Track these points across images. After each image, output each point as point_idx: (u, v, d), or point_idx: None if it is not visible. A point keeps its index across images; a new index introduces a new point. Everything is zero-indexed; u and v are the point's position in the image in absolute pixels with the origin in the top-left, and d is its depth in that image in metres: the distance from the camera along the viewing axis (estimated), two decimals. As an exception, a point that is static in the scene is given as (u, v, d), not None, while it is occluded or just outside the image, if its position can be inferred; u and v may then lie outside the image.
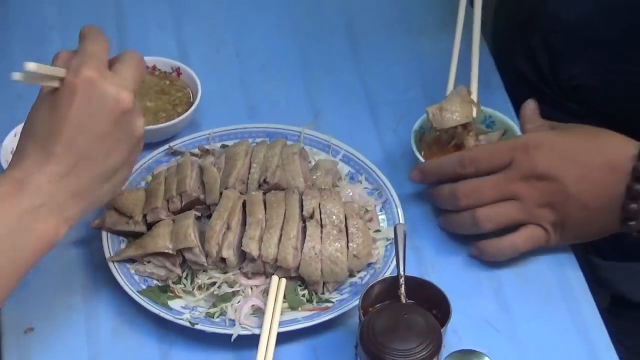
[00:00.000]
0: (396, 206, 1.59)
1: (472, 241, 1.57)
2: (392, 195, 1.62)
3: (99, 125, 1.35)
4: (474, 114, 1.60)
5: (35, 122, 1.38)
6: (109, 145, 1.36)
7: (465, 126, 1.60)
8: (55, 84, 1.37)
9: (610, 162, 1.52)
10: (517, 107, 1.73)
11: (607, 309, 1.74)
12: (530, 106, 1.62)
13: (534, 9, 2.04)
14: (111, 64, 1.40)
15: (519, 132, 1.62)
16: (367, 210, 1.59)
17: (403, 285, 1.40)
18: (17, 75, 1.37)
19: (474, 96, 1.61)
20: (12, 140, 1.60)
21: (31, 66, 1.33)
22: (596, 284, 1.77)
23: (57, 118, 1.35)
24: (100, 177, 1.37)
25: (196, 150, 1.67)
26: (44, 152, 1.35)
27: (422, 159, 1.60)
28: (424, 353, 1.28)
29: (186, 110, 1.73)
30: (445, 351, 1.32)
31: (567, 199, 1.52)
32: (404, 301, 1.39)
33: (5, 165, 1.58)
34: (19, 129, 1.48)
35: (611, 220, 1.51)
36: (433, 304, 1.38)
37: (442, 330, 1.32)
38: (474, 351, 1.35)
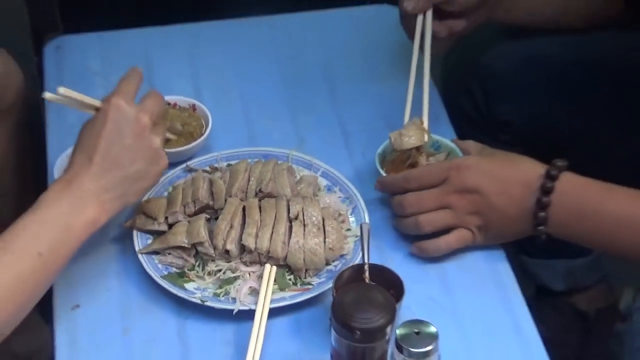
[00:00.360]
0: (363, 211, 1.65)
1: (415, 241, 1.62)
2: (360, 202, 1.67)
3: (124, 140, 1.44)
4: (426, 139, 1.65)
5: (81, 138, 1.47)
6: (132, 155, 1.46)
7: (418, 148, 1.66)
8: (92, 111, 1.50)
9: (524, 179, 1.56)
10: (459, 134, 1.84)
11: (532, 296, 1.76)
12: (469, 142, 1.68)
13: (473, 61, 2.08)
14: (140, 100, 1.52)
15: (460, 154, 1.68)
16: (340, 214, 1.64)
17: (367, 271, 1.46)
18: (47, 95, 1.52)
19: (425, 125, 1.67)
20: (63, 159, 1.67)
21: (62, 90, 1.49)
22: (524, 276, 1.81)
23: (94, 135, 1.44)
24: (127, 180, 1.46)
25: (207, 168, 1.74)
26: (86, 160, 1.44)
27: (383, 174, 1.66)
28: (382, 321, 1.30)
29: (200, 137, 1.79)
30: (399, 321, 1.35)
31: (490, 208, 1.57)
32: (367, 282, 1.45)
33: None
34: (69, 151, 1.55)
35: (525, 225, 1.56)
36: (390, 285, 1.42)
37: (397, 305, 1.37)
38: (422, 321, 1.34)
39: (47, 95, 1.53)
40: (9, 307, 1.34)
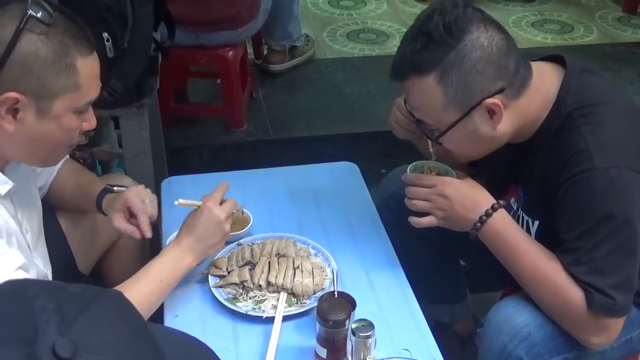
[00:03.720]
0: (333, 266, 1.68)
1: (411, 216, 1.61)
2: (331, 261, 1.71)
3: (210, 227, 1.56)
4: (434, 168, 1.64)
5: (186, 222, 1.59)
6: (212, 234, 1.56)
7: (430, 169, 1.65)
8: (194, 207, 1.61)
9: (478, 202, 1.55)
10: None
11: (432, 327, 1.63)
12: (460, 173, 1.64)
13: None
14: (223, 201, 1.61)
15: (454, 174, 1.63)
16: (321, 267, 1.70)
17: (336, 294, 1.53)
18: (176, 203, 1.65)
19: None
20: (173, 236, 1.66)
21: (180, 201, 1.64)
22: (427, 314, 1.65)
23: (193, 222, 1.57)
24: (208, 245, 1.57)
25: (249, 243, 1.77)
26: (188, 234, 1.56)
27: (408, 173, 1.64)
28: (343, 317, 1.43)
29: (246, 227, 1.81)
30: (352, 319, 1.44)
31: (451, 209, 1.55)
32: (336, 295, 1.52)
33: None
34: (175, 234, 1.63)
35: (467, 226, 1.55)
36: (348, 301, 1.49)
37: (352, 311, 1.47)
38: (365, 319, 1.42)
39: (179, 201, 1.65)
40: (143, 311, 1.39)
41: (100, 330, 0.64)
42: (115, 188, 1.70)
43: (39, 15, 1.25)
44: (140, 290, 1.48)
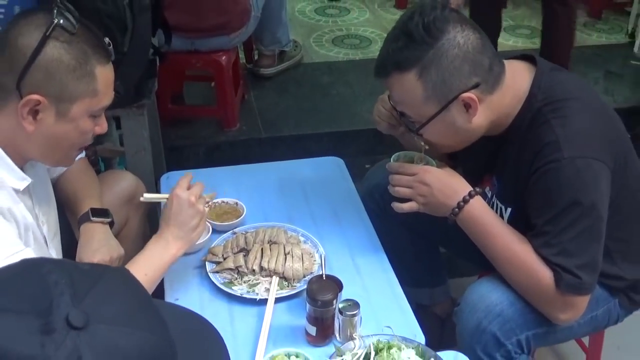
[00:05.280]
0: (321, 251, 1.69)
1: (393, 202, 1.61)
2: (319, 247, 1.72)
3: (183, 212, 1.50)
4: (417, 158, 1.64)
5: (163, 216, 1.55)
6: (189, 217, 1.50)
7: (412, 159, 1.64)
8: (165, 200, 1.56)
9: (456, 189, 1.55)
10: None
11: (414, 308, 1.62)
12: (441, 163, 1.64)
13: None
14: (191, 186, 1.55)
15: (434, 163, 1.63)
16: (310, 252, 1.70)
17: (323, 275, 1.54)
18: (141, 198, 1.63)
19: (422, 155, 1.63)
20: None
21: (146, 195, 1.63)
22: (409, 298, 1.64)
23: (168, 213, 1.52)
24: (188, 230, 1.51)
25: (243, 231, 1.76)
26: (166, 225, 1.51)
27: (391, 162, 1.65)
28: (331, 297, 1.45)
29: (240, 217, 1.82)
30: (339, 299, 1.46)
31: (432, 195, 1.56)
32: (324, 278, 1.53)
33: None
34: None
35: (446, 212, 1.56)
36: (335, 283, 1.50)
37: (339, 292, 1.48)
38: (351, 300, 1.45)
39: (145, 196, 1.63)
40: None
41: (110, 302, 0.65)
42: (93, 218, 1.63)
43: (64, 24, 1.28)
44: None
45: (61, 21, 1.28)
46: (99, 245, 1.59)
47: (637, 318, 1.85)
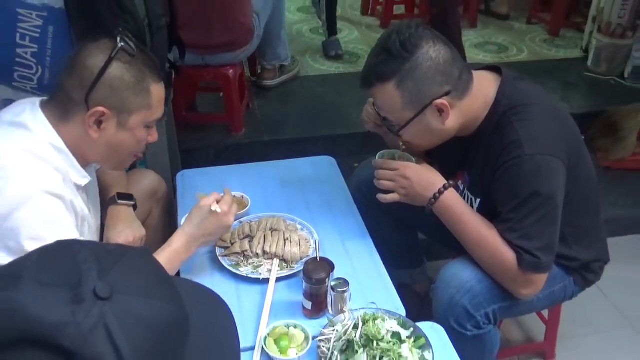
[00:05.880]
0: (315, 238, 1.68)
1: (379, 193, 1.60)
2: (314, 234, 1.71)
3: (206, 222, 1.49)
4: (399, 156, 1.63)
5: (188, 217, 1.53)
6: (210, 226, 1.50)
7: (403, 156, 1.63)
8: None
9: (433, 182, 1.55)
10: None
11: (397, 287, 1.59)
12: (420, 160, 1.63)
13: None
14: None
15: (413, 160, 1.62)
16: (306, 238, 1.70)
17: (317, 257, 1.53)
18: (198, 194, 1.57)
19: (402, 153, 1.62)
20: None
21: (198, 193, 1.57)
22: (392, 278, 1.62)
23: (191, 217, 1.51)
24: (206, 236, 1.51)
25: (249, 221, 1.75)
26: (189, 228, 1.50)
27: (377, 159, 1.64)
28: (324, 275, 1.46)
29: (245, 209, 1.81)
30: (331, 277, 1.46)
31: (411, 188, 1.55)
32: (318, 259, 1.52)
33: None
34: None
35: (423, 202, 1.56)
36: (328, 265, 1.50)
37: (331, 272, 1.48)
38: (342, 278, 1.46)
39: (198, 194, 1.56)
40: None
41: (131, 277, 0.65)
42: (119, 201, 1.66)
43: (125, 47, 1.32)
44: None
45: (123, 45, 1.32)
46: (123, 227, 1.62)
47: (590, 294, 1.87)
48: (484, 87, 1.53)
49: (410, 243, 2.12)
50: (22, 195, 1.22)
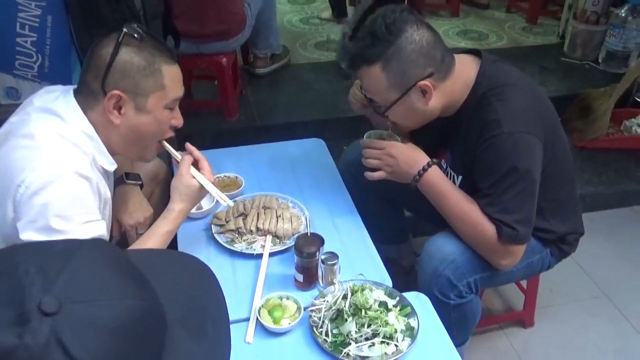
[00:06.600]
0: (306, 215, 1.69)
1: (365, 171, 1.59)
2: (305, 211, 1.71)
3: (186, 187, 1.45)
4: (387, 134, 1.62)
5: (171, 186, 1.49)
6: (186, 189, 1.45)
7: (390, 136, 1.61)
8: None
9: (417, 160, 1.55)
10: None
11: (384, 261, 1.58)
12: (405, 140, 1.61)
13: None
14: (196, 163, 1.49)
15: (399, 139, 1.61)
16: (297, 215, 1.70)
17: (308, 233, 1.54)
18: (163, 143, 1.46)
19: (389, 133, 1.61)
20: None
21: (165, 144, 1.47)
22: (380, 252, 1.62)
23: (175, 184, 1.47)
24: (193, 199, 1.47)
25: (242, 200, 1.73)
26: (177, 196, 1.46)
27: (364, 139, 1.62)
28: (314, 249, 1.46)
29: (239, 188, 1.81)
30: (322, 251, 1.45)
31: (397, 166, 1.55)
32: (309, 235, 1.53)
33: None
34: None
35: (409, 179, 1.55)
36: (318, 239, 1.49)
37: (321, 246, 1.48)
38: (332, 252, 1.46)
39: (164, 143, 1.46)
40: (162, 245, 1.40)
41: (84, 278, 0.57)
42: (127, 180, 1.64)
43: (131, 32, 1.32)
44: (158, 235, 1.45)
45: (128, 30, 1.31)
46: (133, 208, 1.60)
47: (566, 265, 1.88)
48: (465, 70, 1.52)
49: (396, 219, 2.11)
50: (54, 174, 1.24)
